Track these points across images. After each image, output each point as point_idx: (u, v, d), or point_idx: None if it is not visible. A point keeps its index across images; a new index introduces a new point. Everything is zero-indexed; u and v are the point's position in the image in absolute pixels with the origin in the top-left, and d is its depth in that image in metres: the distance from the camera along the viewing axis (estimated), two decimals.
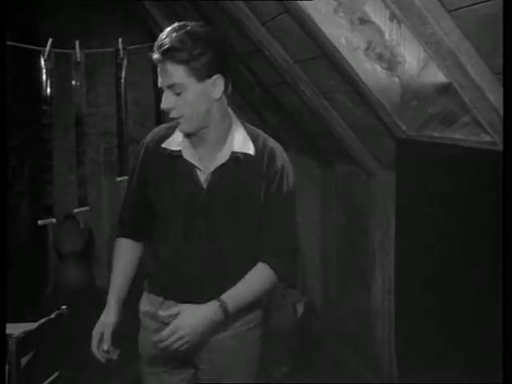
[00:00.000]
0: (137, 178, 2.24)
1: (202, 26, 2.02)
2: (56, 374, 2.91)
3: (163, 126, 2.24)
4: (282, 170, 2.12)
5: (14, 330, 2.68)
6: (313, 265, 4.74)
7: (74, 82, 3.76)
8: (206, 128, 2.05)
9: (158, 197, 2.17)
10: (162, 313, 2.08)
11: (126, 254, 2.30)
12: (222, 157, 2.08)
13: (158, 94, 6.29)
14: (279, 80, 3.71)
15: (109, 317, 2.19)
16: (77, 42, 3.74)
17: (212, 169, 2.09)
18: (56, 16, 5.62)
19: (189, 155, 2.11)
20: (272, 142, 2.16)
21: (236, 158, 2.08)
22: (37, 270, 5.90)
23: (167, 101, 1.99)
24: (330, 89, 3.33)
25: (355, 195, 4.04)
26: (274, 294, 4.38)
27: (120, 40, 3.84)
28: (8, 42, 4.58)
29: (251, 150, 2.09)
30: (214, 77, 1.99)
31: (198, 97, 1.99)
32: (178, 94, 1.97)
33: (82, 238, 6.07)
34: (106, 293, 2.37)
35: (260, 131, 2.18)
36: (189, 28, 1.95)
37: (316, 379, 4.05)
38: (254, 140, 2.12)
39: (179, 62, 1.92)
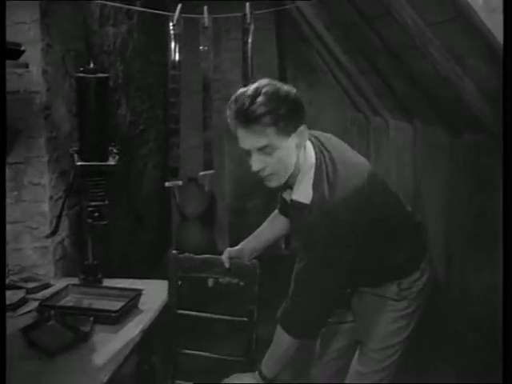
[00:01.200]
0: None
1: (270, 84, 2.00)
2: None
3: None
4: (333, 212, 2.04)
5: (143, 285, 2.77)
6: (436, 238, 4.61)
7: (201, 47, 3.79)
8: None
9: None
10: None
11: (274, 221, 2.58)
12: (289, 200, 2.22)
13: (282, 59, 6.27)
14: (409, 44, 3.59)
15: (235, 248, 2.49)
16: (205, 8, 3.76)
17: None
18: None
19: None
20: (338, 177, 2.08)
21: (296, 204, 2.16)
22: (161, 231, 6.11)
23: (258, 163, 2.01)
24: (462, 53, 3.19)
25: (484, 166, 3.88)
26: None
27: (247, 4, 3.83)
28: (138, 8, 4.71)
29: (307, 200, 2.09)
30: (300, 128, 2.02)
31: (288, 152, 2.02)
32: (269, 154, 1.99)
33: (205, 201, 6.20)
34: None
35: (338, 153, 2.16)
36: (265, 90, 1.96)
37: (435, 354, 3.97)
38: (317, 187, 2.06)
39: (268, 125, 1.94)
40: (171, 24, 3.60)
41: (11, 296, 2.67)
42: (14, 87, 2.93)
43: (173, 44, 3.64)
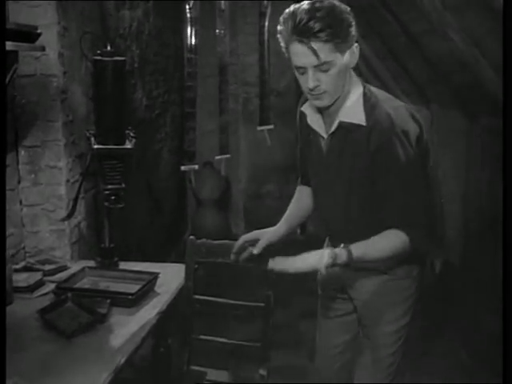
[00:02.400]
0: (300, 134, 2.39)
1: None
2: None
3: None
4: (389, 143, 2.03)
5: (159, 269, 2.78)
6: (453, 221, 4.59)
7: (217, 31, 3.78)
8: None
9: (304, 149, 2.36)
10: None
11: (301, 196, 2.49)
12: (333, 126, 2.14)
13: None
14: (427, 28, 3.56)
15: (271, 230, 2.34)
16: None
17: (326, 136, 2.19)
18: None
19: (312, 121, 2.23)
20: (385, 112, 2.06)
21: (344, 128, 2.11)
22: (177, 215, 6.12)
23: (314, 80, 1.99)
24: (481, 36, 3.16)
25: (501, 149, 3.84)
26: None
27: None
28: None
29: (359, 120, 2.08)
30: (354, 46, 2.01)
31: (342, 70, 2.01)
32: (325, 71, 1.97)
33: (221, 186, 6.21)
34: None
35: (382, 99, 2.11)
36: (321, 5, 1.92)
37: (449, 340, 3.96)
38: (368, 108, 2.08)
39: (326, 41, 1.91)
40: (187, 7, 3.60)
41: (28, 278, 2.68)
42: (31, 70, 2.93)
43: (189, 27, 3.64)
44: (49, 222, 3.06)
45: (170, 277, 2.78)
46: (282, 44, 2.02)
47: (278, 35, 2.01)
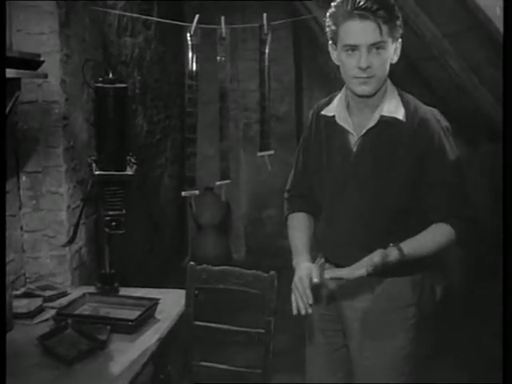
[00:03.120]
0: (303, 149, 2.34)
1: None
2: None
3: (324, 99, 2.30)
4: (438, 138, 2.09)
5: (159, 295, 2.77)
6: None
7: (218, 58, 3.80)
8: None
9: (316, 162, 2.24)
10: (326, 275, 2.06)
11: (303, 225, 2.32)
12: (372, 120, 2.10)
13: (299, 69, 6.27)
14: (426, 54, 3.59)
15: (309, 266, 2.11)
16: (222, 18, 3.78)
17: (362, 133, 2.12)
18: None
19: (342, 119, 2.16)
20: (426, 110, 2.13)
21: (385, 122, 2.09)
22: (177, 240, 6.12)
23: (367, 59, 1.98)
24: (479, 63, 3.18)
25: (501, 175, 3.85)
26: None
27: (265, 15, 3.84)
28: (156, 19, 4.75)
29: (401, 115, 2.09)
30: (399, 41, 2.05)
31: (389, 59, 2.03)
32: (378, 51, 1.98)
33: (221, 211, 6.21)
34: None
35: (416, 100, 2.17)
36: None
37: (457, 365, 3.93)
38: (407, 106, 2.11)
39: (385, 21, 1.94)
40: (188, 34, 3.62)
41: (28, 304, 2.68)
42: (33, 97, 2.95)
43: (190, 54, 3.66)
44: (49, 247, 3.06)
45: (171, 303, 2.77)
46: (331, 26, 2.03)
47: (327, 17, 2.04)
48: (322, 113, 2.25)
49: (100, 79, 2.90)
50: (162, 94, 5.35)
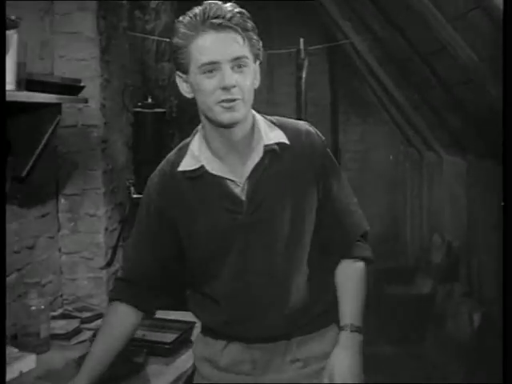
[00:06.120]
0: (153, 220, 1.85)
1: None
2: None
3: (169, 154, 1.89)
4: (325, 148, 1.84)
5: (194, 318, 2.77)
6: (493, 272, 4.53)
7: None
8: (239, 123, 1.71)
9: (190, 232, 1.79)
10: (223, 360, 1.85)
11: (118, 321, 1.92)
12: (255, 155, 1.74)
13: (334, 93, 6.29)
14: (463, 79, 3.58)
15: None
16: (259, 43, 3.82)
17: (247, 174, 1.74)
18: None
19: (215, 168, 1.75)
20: (300, 123, 1.86)
21: (271, 152, 1.74)
22: None
23: (231, 77, 1.63)
24: None
25: None
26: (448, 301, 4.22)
27: (302, 40, 3.87)
28: None
29: (284, 138, 1.76)
30: (258, 62, 1.73)
31: (252, 79, 1.69)
32: (240, 69, 1.65)
33: None
34: None
35: (282, 118, 1.85)
36: (231, 3, 1.68)
37: None
38: (281, 126, 1.79)
39: (245, 30, 1.65)
40: None
41: (66, 325, 2.71)
42: (73, 121, 3.00)
43: None
44: (87, 269, 3.09)
45: None
46: (178, 48, 1.68)
47: (174, 37, 1.69)
48: (180, 169, 1.78)
49: (139, 104, 2.94)
50: (198, 117, 5.39)
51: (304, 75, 3.91)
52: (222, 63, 1.63)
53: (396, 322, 5.18)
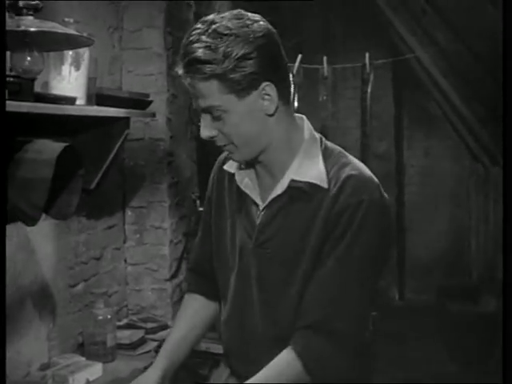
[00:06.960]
0: (206, 211, 1.78)
1: (238, 17, 1.45)
2: None
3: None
4: (355, 207, 1.47)
5: None
6: None
7: (320, 96, 3.85)
8: (264, 152, 1.53)
9: (218, 231, 1.69)
10: None
11: (191, 313, 1.81)
12: (279, 187, 1.54)
13: (398, 107, 6.24)
14: None
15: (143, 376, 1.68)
16: (324, 58, 3.84)
17: (266, 202, 1.56)
18: (302, 31, 5.82)
19: (244, 183, 1.60)
20: (355, 171, 1.52)
21: (296, 189, 1.52)
22: None
23: (206, 128, 1.49)
24: None
25: None
26: None
27: (367, 55, 3.87)
28: None
29: (318, 180, 1.50)
30: (262, 86, 1.45)
31: (244, 117, 1.46)
32: (218, 119, 1.46)
33: None
34: None
35: (348, 156, 1.58)
36: (217, 25, 1.41)
37: None
38: (331, 165, 1.53)
39: (209, 77, 1.41)
40: (291, 74, 3.68)
41: (131, 336, 2.74)
42: (140, 135, 3.06)
43: (292, 92, 3.72)
44: (152, 280, 3.14)
45: None
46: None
47: None
48: (225, 167, 1.65)
49: None
50: None
51: (369, 89, 3.90)
52: (200, 111, 1.50)
53: (460, 341, 5.07)
